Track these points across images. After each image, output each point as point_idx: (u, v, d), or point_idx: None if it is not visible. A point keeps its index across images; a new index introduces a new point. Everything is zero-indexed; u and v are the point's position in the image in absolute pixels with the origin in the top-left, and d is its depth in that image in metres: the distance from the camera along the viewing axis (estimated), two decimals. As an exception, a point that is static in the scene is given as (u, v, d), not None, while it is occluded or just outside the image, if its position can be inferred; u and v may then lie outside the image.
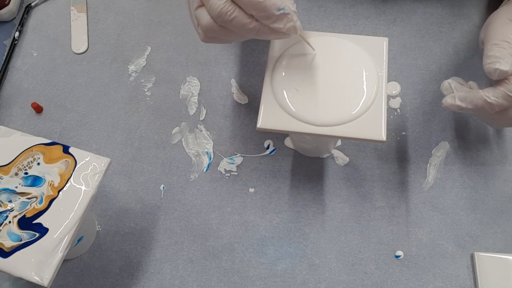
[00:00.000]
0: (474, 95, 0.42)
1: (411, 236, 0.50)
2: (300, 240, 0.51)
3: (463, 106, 0.42)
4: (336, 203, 0.52)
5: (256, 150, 0.55)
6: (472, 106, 0.42)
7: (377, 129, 0.41)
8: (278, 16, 0.38)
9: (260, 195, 0.53)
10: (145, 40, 0.63)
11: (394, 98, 0.56)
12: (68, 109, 0.60)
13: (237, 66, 0.60)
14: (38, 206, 0.41)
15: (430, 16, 0.61)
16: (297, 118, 0.42)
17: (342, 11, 0.62)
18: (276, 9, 0.37)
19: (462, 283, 0.48)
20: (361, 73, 0.43)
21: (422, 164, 0.53)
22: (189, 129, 0.57)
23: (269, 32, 0.39)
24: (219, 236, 0.52)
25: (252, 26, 0.39)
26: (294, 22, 0.38)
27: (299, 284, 0.49)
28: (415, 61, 0.58)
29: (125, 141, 0.57)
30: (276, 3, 0.37)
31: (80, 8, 0.66)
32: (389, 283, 0.48)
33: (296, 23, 0.39)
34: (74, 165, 0.43)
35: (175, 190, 0.54)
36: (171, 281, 0.50)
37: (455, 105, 0.43)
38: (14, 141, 0.45)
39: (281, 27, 0.38)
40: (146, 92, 0.60)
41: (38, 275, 0.39)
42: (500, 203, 0.51)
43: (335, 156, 0.54)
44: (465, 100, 0.42)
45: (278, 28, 0.38)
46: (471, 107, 0.42)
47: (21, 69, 0.63)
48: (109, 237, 0.52)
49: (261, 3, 0.37)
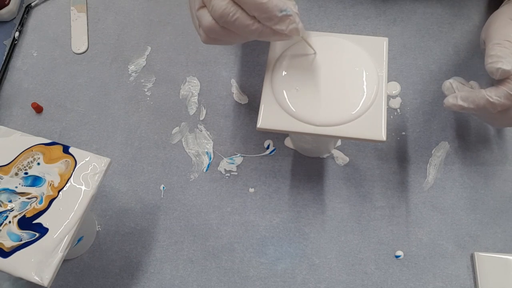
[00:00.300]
0: (476, 95, 0.42)
1: (411, 236, 0.50)
2: (300, 240, 0.51)
3: (465, 106, 0.42)
4: (336, 203, 0.52)
5: (256, 150, 0.55)
6: (474, 106, 0.42)
7: (377, 129, 0.41)
8: (280, 17, 0.37)
9: (260, 195, 0.53)
10: (145, 40, 0.63)
11: (394, 98, 0.56)
12: (68, 109, 0.60)
13: (237, 66, 0.60)
14: (38, 206, 0.41)
15: (430, 16, 0.61)
16: (297, 118, 0.42)
17: (342, 11, 0.62)
18: (278, 10, 0.37)
19: (462, 283, 0.48)
20: (361, 73, 0.43)
21: (422, 164, 0.53)
22: (189, 129, 0.57)
23: (271, 34, 0.39)
24: (219, 236, 0.52)
25: (255, 27, 0.38)
26: (297, 24, 0.38)
27: (299, 284, 0.49)
28: (415, 61, 0.58)
29: (125, 141, 0.57)
30: (279, 5, 0.37)
31: (80, 8, 0.66)
32: (389, 283, 0.48)
33: (299, 25, 0.38)
34: (74, 165, 0.43)
35: (175, 190, 0.54)
36: (171, 281, 0.50)
37: (457, 105, 0.43)
38: (14, 141, 0.45)
39: (284, 28, 0.38)
40: (146, 92, 0.60)
41: (38, 275, 0.39)
42: (500, 203, 0.51)
43: (335, 156, 0.54)
44: (467, 100, 0.42)
45: (280, 30, 0.38)
46: (473, 107, 0.42)
47: (21, 69, 0.63)
48: (109, 237, 0.52)
49: (264, 4, 0.37)
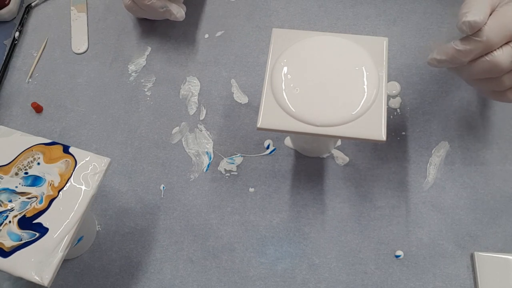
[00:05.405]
0: (446, 46, 0.42)
1: (411, 236, 0.50)
2: (300, 240, 0.51)
3: (438, 57, 0.43)
4: (336, 203, 0.52)
5: (256, 150, 0.55)
6: (446, 57, 0.42)
7: (377, 129, 0.41)
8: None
9: (260, 195, 0.53)
10: (145, 40, 0.63)
11: (394, 98, 0.56)
12: (68, 109, 0.60)
13: (237, 66, 0.60)
14: (38, 206, 0.41)
15: (430, 16, 0.61)
16: (297, 118, 0.42)
17: (342, 11, 0.62)
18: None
19: (462, 283, 0.48)
20: (361, 73, 0.43)
21: (422, 164, 0.53)
22: (189, 129, 0.57)
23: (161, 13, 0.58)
24: (219, 236, 0.52)
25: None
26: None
27: (299, 284, 0.49)
28: (415, 61, 0.58)
29: (125, 141, 0.57)
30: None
31: (80, 8, 0.66)
32: (389, 283, 0.48)
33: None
34: (74, 165, 0.43)
35: (175, 190, 0.54)
36: (171, 281, 0.50)
37: (433, 58, 0.44)
38: (14, 141, 0.45)
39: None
40: (146, 92, 0.60)
41: (38, 275, 0.39)
42: (500, 203, 0.51)
43: (335, 156, 0.54)
44: (440, 52, 0.43)
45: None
46: (445, 58, 0.42)
47: (21, 69, 0.63)
48: (109, 237, 0.52)
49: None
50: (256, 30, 0.62)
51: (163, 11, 0.57)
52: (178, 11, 0.58)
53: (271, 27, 0.56)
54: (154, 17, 0.61)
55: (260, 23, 0.63)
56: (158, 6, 0.57)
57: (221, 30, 0.63)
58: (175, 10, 0.58)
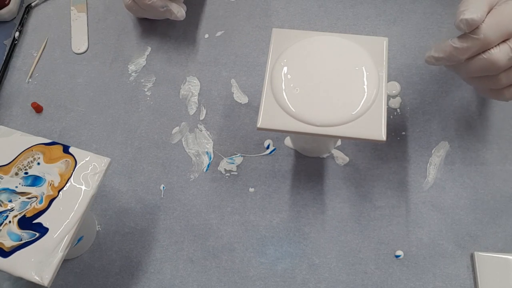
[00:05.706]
0: (443, 43, 0.43)
1: (411, 236, 0.50)
2: (300, 240, 0.51)
3: (436, 55, 0.43)
4: (336, 203, 0.52)
5: (256, 150, 0.55)
6: (444, 54, 0.42)
7: (377, 129, 0.41)
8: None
9: (260, 195, 0.53)
10: (145, 40, 0.63)
11: (394, 98, 0.56)
12: (68, 109, 0.60)
13: (237, 66, 0.60)
14: (38, 206, 0.41)
15: (430, 16, 0.61)
16: (297, 118, 0.42)
17: (342, 11, 0.62)
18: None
19: (462, 283, 0.48)
20: (361, 73, 0.43)
21: (422, 164, 0.53)
22: (189, 129, 0.57)
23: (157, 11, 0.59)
24: (219, 236, 0.52)
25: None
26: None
27: (299, 284, 0.49)
28: (415, 61, 0.58)
29: (125, 141, 0.57)
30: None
31: (80, 8, 0.66)
32: (389, 283, 0.48)
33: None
34: (74, 165, 0.43)
35: (175, 190, 0.54)
36: (171, 281, 0.50)
37: (431, 56, 0.44)
38: (14, 141, 0.45)
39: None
40: (146, 92, 0.60)
41: (38, 275, 0.39)
42: (500, 203, 0.51)
43: (335, 156, 0.54)
44: (437, 50, 0.43)
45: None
46: (443, 55, 0.43)
47: (21, 69, 0.63)
48: (109, 237, 0.52)
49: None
50: (256, 30, 0.62)
51: (163, 10, 0.58)
52: (178, 11, 0.58)
53: (271, 27, 0.56)
54: (155, 16, 0.61)
55: (260, 23, 0.63)
56: (158, 6, 0.57)
57: (221, 30, 0.63)
58: (175, 9, 0.58)
